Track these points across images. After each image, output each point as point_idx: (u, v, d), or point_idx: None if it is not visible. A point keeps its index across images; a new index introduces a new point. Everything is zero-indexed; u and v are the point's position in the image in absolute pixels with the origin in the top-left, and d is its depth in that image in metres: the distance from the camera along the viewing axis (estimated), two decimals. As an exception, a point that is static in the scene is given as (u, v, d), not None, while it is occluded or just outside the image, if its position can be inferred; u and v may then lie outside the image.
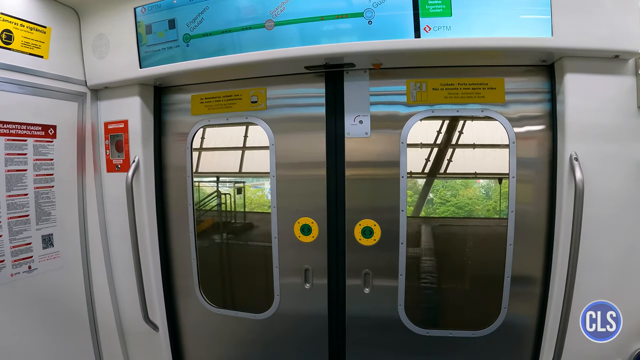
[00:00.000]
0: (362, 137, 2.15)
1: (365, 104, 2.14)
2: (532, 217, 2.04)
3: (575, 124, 1.81)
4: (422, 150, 2.23)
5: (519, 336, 2.11)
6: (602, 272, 1.83)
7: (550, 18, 1.71)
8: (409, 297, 2.17)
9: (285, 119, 2.28)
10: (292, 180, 2.27)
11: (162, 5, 2.13)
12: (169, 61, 2.17)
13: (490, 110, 2.03)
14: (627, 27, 1.69)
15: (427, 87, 2.08)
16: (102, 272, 2.49)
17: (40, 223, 2.19)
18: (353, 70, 2.14)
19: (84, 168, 2.45)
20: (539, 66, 1.99)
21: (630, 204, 1.80)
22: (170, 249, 2.56)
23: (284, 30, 1.94)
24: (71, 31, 2.33)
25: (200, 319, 2.55)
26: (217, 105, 2.38)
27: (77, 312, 2.43)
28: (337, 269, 2.24)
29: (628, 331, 1.84)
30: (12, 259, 2.05)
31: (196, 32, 2.09)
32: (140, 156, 2.37)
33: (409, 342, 2.20)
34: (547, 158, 2.00)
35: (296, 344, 2.38)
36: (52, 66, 2.22)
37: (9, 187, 2.04)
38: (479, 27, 1.78)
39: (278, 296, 2.34)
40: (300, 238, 2.27)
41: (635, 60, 1.77)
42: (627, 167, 1.79)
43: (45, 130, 2.21)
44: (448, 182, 2.36)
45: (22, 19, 2.06)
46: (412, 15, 1.80)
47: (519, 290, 2.07)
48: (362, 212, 2.18)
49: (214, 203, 2.75)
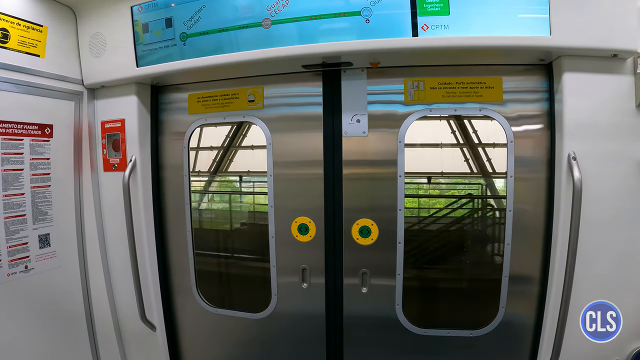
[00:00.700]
0: (359, 136, 2.15)
1: (363, 103, 2.13)
2: (530, 217, 2.03)
3: (573, 123, 1.81)
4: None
5: (517, 335, 2.11)
6: (600, 271, 1.83)
7: (549, 17, 1.71)
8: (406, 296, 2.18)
9: (282, 118, 2.27)
10: (290, 180, 2.27)
11: (159, 3, 2.12)
12: (165, 60, 2.16)
13: (488, 110, 2.03)
14: (626, 26, 1.69)
15: (424, 86, 2.08)
16: (99, 271, 2.48)
17: (37, 223, 2.19)
18: (350, 69, 2.13)
19: (81, 167, 2.44)
20: (537, 65, 1.98)
21: (629, 203, 1.80)
22: (168, 249, 2.55)
23: (282, 28, 1.93)
24: (68, 30, 2.32)
25: (197, 318, 2.55)
26: (214, 104, 2.37)
27: (74, 312, 2.42)
28: (334, 269, 2.24)
29: (626, 330, 1.84)
30: (8, 258, 2.05)
31: (193, 31, 2.08)
32: (137, 155, 2.36)
33: (406, 341, 2.20)
34: (545, 157, 1.99)
35: (294, 344, 2.37)
36: (49, 65, 2.22)
37: (6, 186, 2.04)
38: (477, 26, 1.77)
39: (275, 296, 2.33)
40: (298, 237, 2.26)
41: (634, 59, 1.76)
42: (625, 166, 1.79)
43: (42, 130, 2.20)
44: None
45: (18, 17, 2.05)
46: (410, 13, 1.80)
47: (517, 289, 2.07)
48: (360, 211, 2.18)
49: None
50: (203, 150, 2.59)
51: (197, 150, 2.56)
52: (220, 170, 2.66)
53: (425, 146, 2.35)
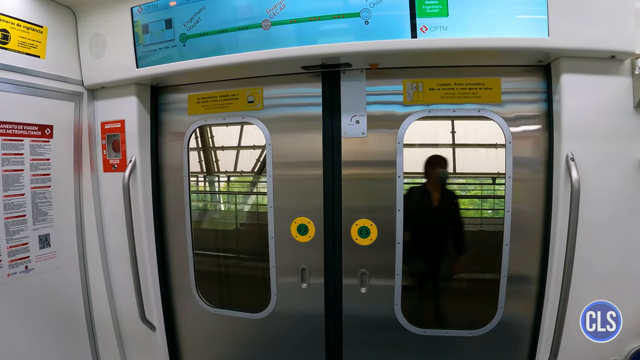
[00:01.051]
0: (358, 137, 2.15)
1: (362, 103, 2.14)
2: (529, 217, 2.04)
3: (571, 124, 1.82)
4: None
5: (515, 335, 2.12)
6: (599, 272, 1.83)
7: (547, 18, 1.72)
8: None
9: (281, 118, 2.28)
10: (289, 180, 2.27)
11: (159, 5, 2.12)
12: (165, 61, 2.17)
13: (487, 110, 2.03)
14: (623, 27, 1.70)
15: (423, 87, 2.09)
16: (99, 272, 2.49)
17: (37, 223, 2.19)
18: (350, 70, 2.14)
19: (81, 168, 2.44)
20: (536, 66, 1.99)
21: (627, 204, 1.80)
22: (167, 249, 2.56)
23: (281, 30, 1.94)
24: (68, 31, 2.33)
25: (197, 318, 2.55)
26: (213, 105, 2.38)
27: (74, 312, 2.43)
28: (333, 269, 2.25)
29: (625, 331, 1.84)
30: (9, 259, 2.05)
31: (193, 32, 2.09)
32: (137, 156, 2.37)
33: (405, 341, 2.21)
34: (543, 158, 2.00)
35: (293, 344, 2.38)
36: (49, 66, 2.22)
37: (6, 187, 2.04)
38: (476, 28, 1.78)
39: (275, 296, 2.34)
40: (297, 238, 2.27)
41: (632, 60, 1.77)
42: (623, 167, 1.79)
43: (42, 130, 2.21)
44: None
45: (18, 18, 2.06)
46: (409, 15, 1.81)
47: (515, 289, 2.08)
48: (359, 211, 2.19)
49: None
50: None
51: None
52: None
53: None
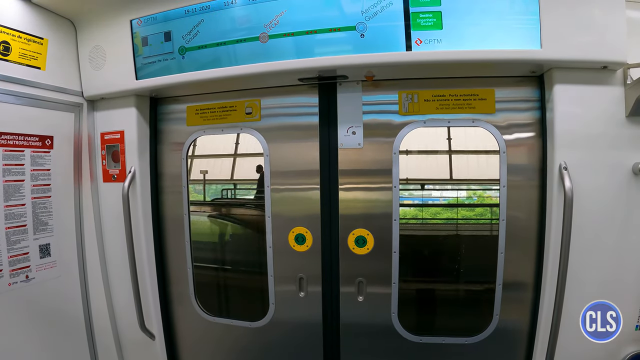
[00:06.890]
0: (355, 147, 2.18)
1: (358, 115, 2.16)
2: (523, 225, 2.06)
3: (564, 134, 1.84)
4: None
5: (511, 342, 2.14)
6: (592, 278, 1.85)
7: (539, 30, 1.74)
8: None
9: (279, 129, 2.30)
10: (287, 191, 2.29)
11: (158, 17, 2.15)
12: (164, 73, 2.20)
13: (481, 121, 2.06)
14: (615, 38, 1.72)
15: (418, 98, 2.11)
16: (98, 281, 2.50)
17: (38, 233, 2.21)
18: (346, 82, 2.16)
19: (81, 178, 2.47)
20: (529, 77, 2.01)
21: (620, 212, 1.82)
22: (166, 258, 2.57)
23: (278, 43, 1.96)
24: (68, 42, 2.36)
25: (196, 327, 2.56)
26: (212, 117, 2.40)
27: (74, 321, 2.44)
28: (331, 278, 2.26)
29: (621, 335, 1.86)
30: (9, 268, 2.07)
31: (191, 45, 2.11)
32: (137, 166, 2.39)
33: (402, 349, 2.22)
34: (537, 166, 2.02)
35: (291, 352, 2.39)
36: (49, 77, 2.25)
37: (7, 197, 2.06)
38: (469, 40, 1.81)
39: (273, 304, 2.35)
40: (295, 247, 2.28)
41: (624, 70, 1.80)
42: (616, 176, 1.82)
43: (43, 141, 2.23)
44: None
45: (19, 30, 2.09)
46: (404, 28, 1.83)
47: (510, 297, 2.10)
48: (356, 221, 2.20)
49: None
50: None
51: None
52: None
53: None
